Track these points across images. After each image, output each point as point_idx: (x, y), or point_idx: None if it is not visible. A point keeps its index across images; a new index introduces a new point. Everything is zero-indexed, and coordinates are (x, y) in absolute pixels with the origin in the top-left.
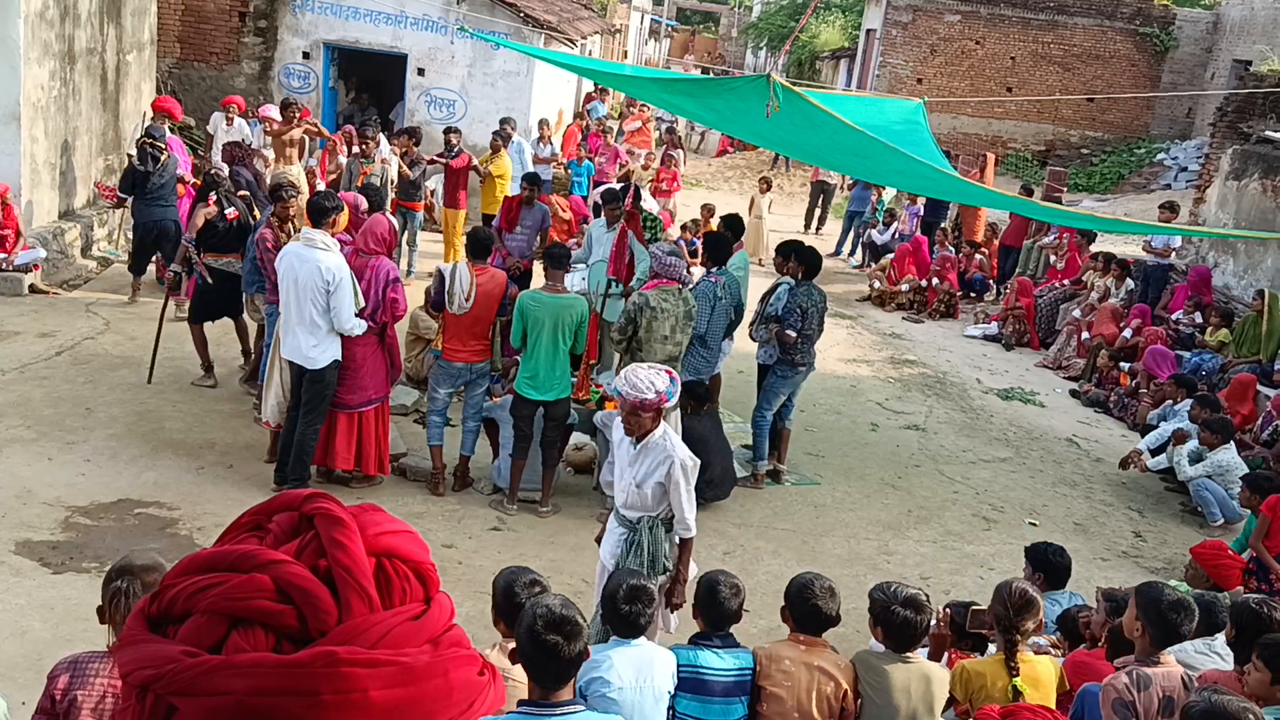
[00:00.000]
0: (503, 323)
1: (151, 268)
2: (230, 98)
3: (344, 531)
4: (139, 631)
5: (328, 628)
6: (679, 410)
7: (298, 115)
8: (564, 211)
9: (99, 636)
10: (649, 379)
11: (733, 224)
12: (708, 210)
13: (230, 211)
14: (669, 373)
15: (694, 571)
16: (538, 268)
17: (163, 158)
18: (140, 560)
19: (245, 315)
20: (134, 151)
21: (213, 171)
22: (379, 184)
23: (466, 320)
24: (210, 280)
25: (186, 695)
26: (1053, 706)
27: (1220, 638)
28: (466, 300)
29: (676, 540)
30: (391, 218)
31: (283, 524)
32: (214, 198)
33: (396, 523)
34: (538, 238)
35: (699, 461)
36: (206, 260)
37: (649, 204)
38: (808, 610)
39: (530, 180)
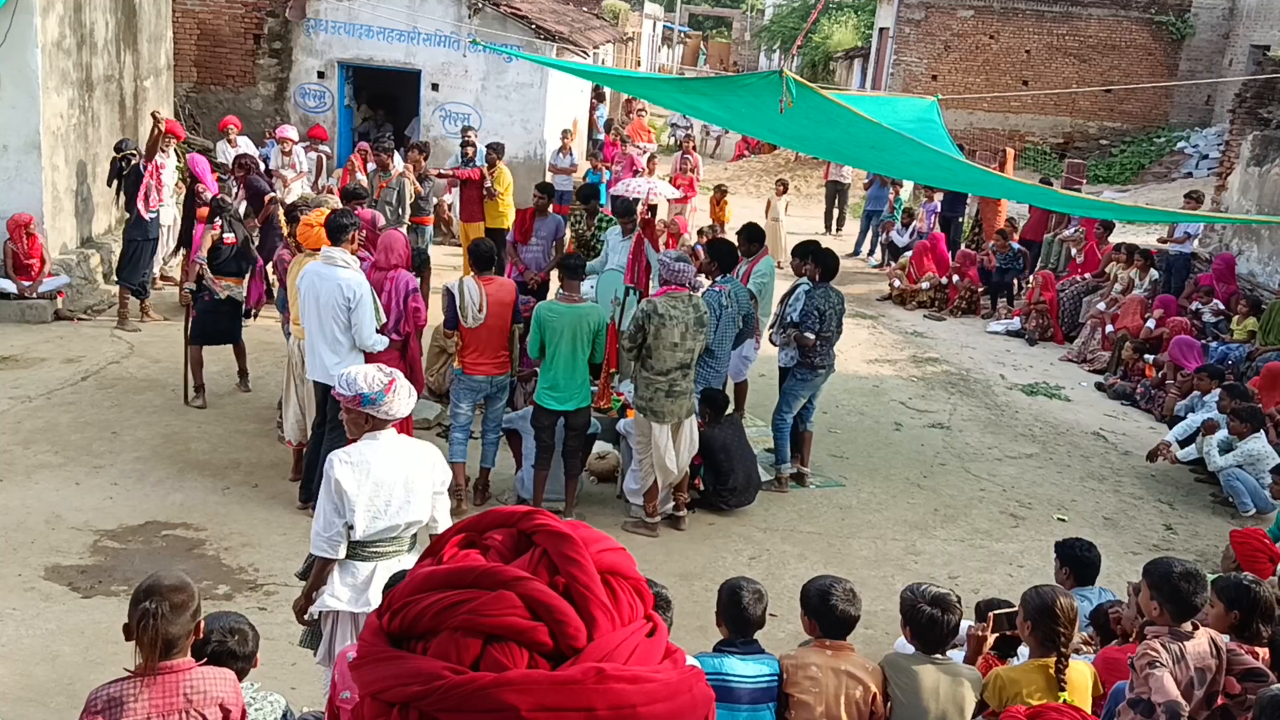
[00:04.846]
0: (520, 331)
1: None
2: (226, 120)
3: (575, 548)
4: (381, 648)
5: (579, 644)
6: (695, 418)
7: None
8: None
9: (129, 660)
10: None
11: (752, 232)
12: (720, 191)
13: (228, 236)
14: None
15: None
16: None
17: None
18: (168, 580)
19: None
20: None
21: (219, 197)
22: (395, 199)
23: (483, 332)
24: (223, 295)
25: (459, 712)
26: (1088, 710)
27: None
28: (480, 312)
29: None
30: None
31: (504, 541)
32: (219, 222)
33: (610, 540)
34: (553, 248)
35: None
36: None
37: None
38: (834, 617)
39: (542, 190)
